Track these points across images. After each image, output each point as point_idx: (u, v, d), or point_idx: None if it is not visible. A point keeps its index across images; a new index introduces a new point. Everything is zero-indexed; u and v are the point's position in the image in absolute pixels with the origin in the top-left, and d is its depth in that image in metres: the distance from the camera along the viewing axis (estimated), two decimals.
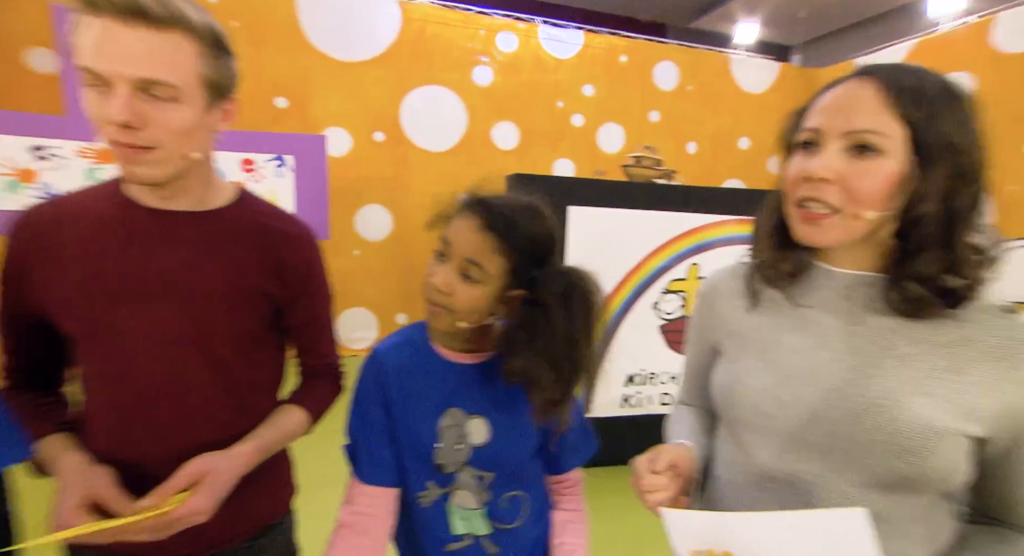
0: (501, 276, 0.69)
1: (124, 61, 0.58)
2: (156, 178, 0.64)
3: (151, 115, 0.61)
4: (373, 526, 0.73)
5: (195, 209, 0.71)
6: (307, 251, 0.78)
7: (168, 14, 0.59)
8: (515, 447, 0.75)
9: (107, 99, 0.58)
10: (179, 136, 0.63)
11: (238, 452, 0.69)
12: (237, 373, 0.73)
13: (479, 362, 0.77)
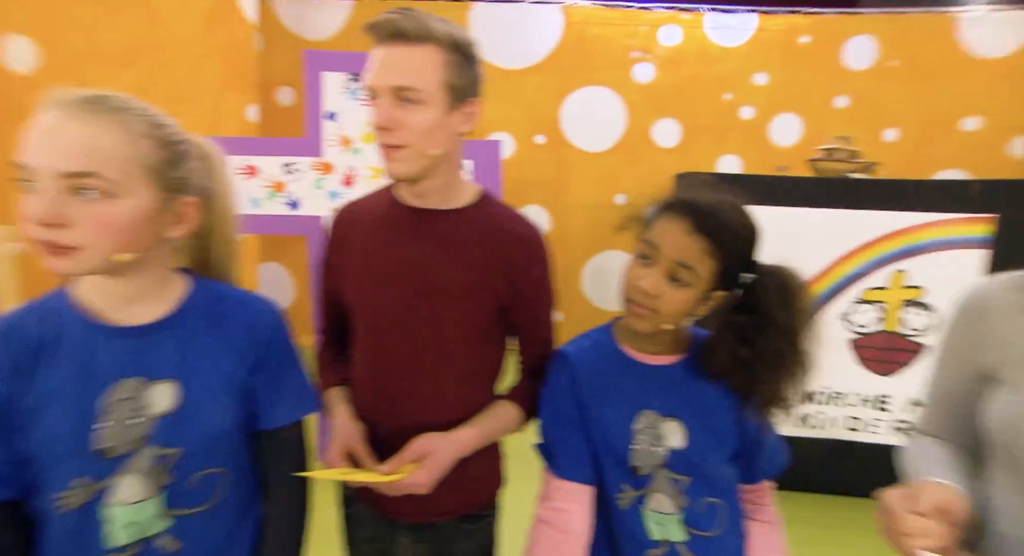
0: (710, 278, 0.69)
1: (385, 74, 0.70)
2: (405, 174, 0.74)
3: (402, 118, 0.70)
4: (573, 522, 0.73)
5: (440, 207, 0.79)
6: (534, 254, 0.82)
7: (420, 32, 0.68)
8: (713, 451, 0.73)
9: (375, 109, 0.71)
10: (423, 135, 0.70)
11: (459, 436, 0.76)
12: (462, 361, 0.80)
13: (671, 363, 0.77)
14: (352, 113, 2.13)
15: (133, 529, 0.60)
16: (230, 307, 0.69)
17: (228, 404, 0.65)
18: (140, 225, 0.58)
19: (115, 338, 0.61)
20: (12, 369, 0.57)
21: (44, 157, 0.53)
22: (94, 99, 0.56)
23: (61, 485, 0.58)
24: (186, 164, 0.62)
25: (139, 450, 0.60)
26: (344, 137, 2.14)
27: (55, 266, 0.55)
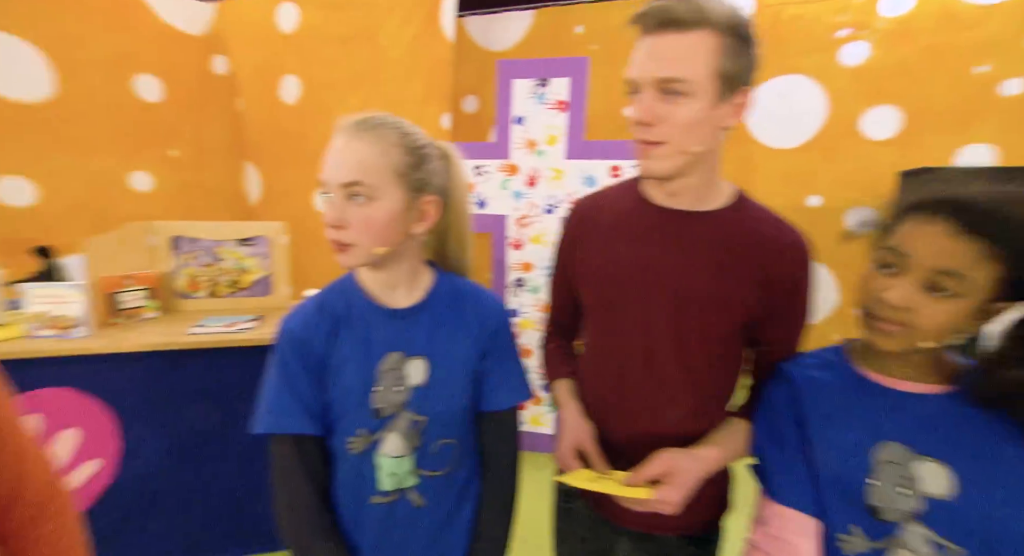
0: (989, 287, 0.57)
1: (651, 66, 0.65)
2: (661, 172, 0.69)
3: (664, 112, 0.64)
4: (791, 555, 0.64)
5: (694, 209, 0.73)
6: (796, 264, 0.73)
7: (694, 16, 0.63)
8: (1002, 508, 0.56)
9: (635, 103, 0.67)
10: (685, 130, 0.65)
11: (705, 455, 0.72)
12: (702, 374, 0.75)
13: (933, 393, 0.64)
14: (538, 117, 2.24)
15: (394, 479, 0.72)
16: (467, 298, 0.78)
17: (463, 383, 0.75)
18: (393, 222, 0.68)
19: (385, 318, 0.74)
20: (327, 334, 0.72)
21: (333, 173, 0.67)
22: (361, 121, 0.68)
23: (349, 432, 0.71)
24: (428, 165, 0.71)
25: (400, 413, 0.71)
26: (530, 140, 2.27)
27: (340, 260, 0.69)
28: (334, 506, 0.74)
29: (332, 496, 0.74)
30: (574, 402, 0.83)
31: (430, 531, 0.75)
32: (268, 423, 0.70)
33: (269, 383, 0.73)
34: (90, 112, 3.07)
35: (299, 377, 0.71)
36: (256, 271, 1.91)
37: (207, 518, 1.69)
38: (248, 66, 3.63)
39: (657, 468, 0.70)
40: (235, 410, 1.66)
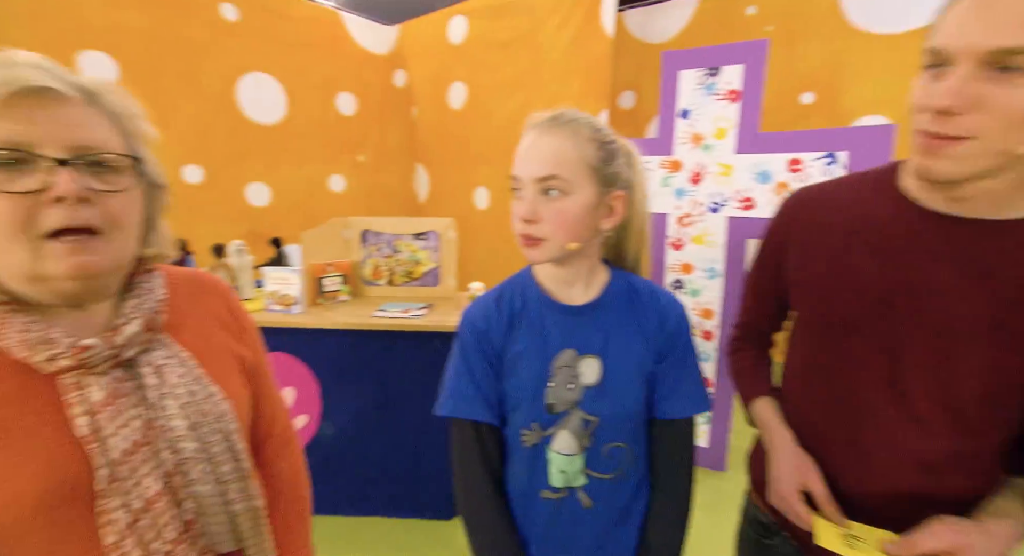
0: None
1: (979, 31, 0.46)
2: (955, 174, 0.53)
3: (984, 96, 0.47)
4: None
5: (989, 217, 0.56)
6: None
7: None
8: None
9: (938, 82, 0.51)
10: (1010, 124, 0.47)
11: (997, 532, 0.55)
12: (976, 421, 0.59)
13: None
14: (706, 109, 2.09)
15: (563, 476, 0.73)
16: (643, 298, 0.76)
17: (637, 386, 0.73)
18: (585, 217, 0.68)
19: (560, 314, 0.74)
20: (506, 327, 0.75)
21: (525, 167, 0.68)
22: (554, 117, 0.69)
23: (523, 424, 0.73)
24: (617, 160, 0.70)
25: (571, 411, 0.72)
26: (695, 134, 2.13)
27: (529, 255, 0.70)
28: (507, 493, 0.76)
29: (505, 483, 0.77)
30: (782, 429, 0.72)
31: (597, 533, 0.74)
32: (449, 407, 0.74)
33: (451, 369, 0.77)
34: (306, 128, 3.71)
35: (478, 367, 0.74)
36: (427, 263, 2.13)
37: (385, 478, 1.94)
38: (422, 77, 4.04)
39: (939, 542, 0.55)
40: (409, 386, 1.87)
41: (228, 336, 0.67)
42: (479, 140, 3.69)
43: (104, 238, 0.49)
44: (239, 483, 0.58)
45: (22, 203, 0.45)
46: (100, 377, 0.50)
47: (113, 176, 0.51)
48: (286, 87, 3.57)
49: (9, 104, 0.44)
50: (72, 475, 0.48)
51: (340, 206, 3.95)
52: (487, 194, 3.72)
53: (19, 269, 0.46)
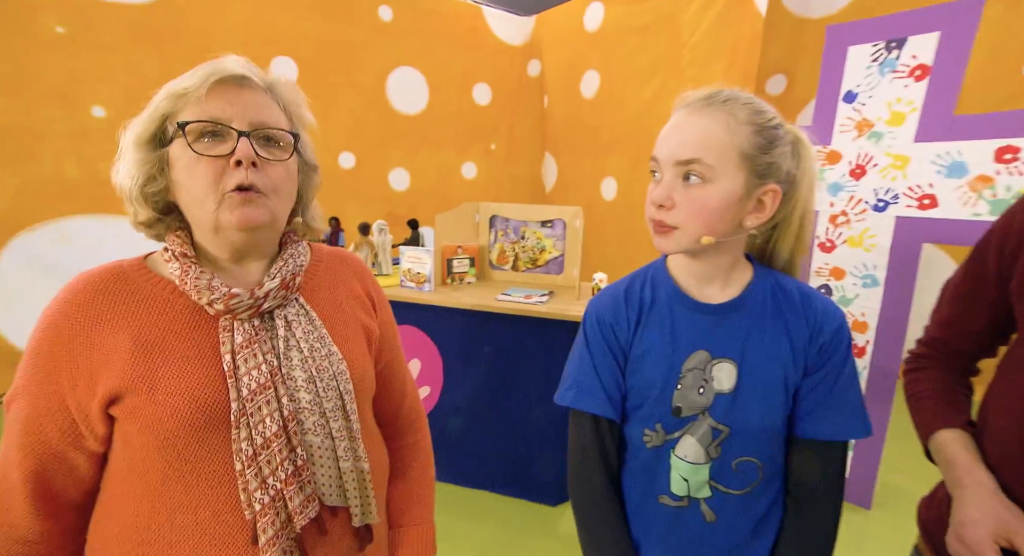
0: None
1: None
2: None
3: None
4: None
5: None
6: None
7: None
8: None
9: None
10: None
11: None
12: None
13: None
14: (880, 90, 1.81)
15: (685, 485, 0.69)
16: (793, 301, 0.68)
17: (778, 398, 0.66)
18: (727, 210, 0.61)
19: (694, 312, 0.69)
20: (634, 321, 0.71)
21: (666, 148, 0.63)
22: (709, 95, 0.62)
23: (646, 424, 0.69)
24: (777, 149, 0.62)
25: (700, 418, 0.67)
26: (862, 120, 1.86)
27: (658, 243, 0.65)
28: (622, 491, 0.73)
29: (621, 482, 0.74)
30: (978, 469, 0.62)
31: (719, 551, 0.69)
32: (570, 398, 0.72)
33: (574, 360, 0.74)
34: (444, 118, 3.96)
35: (602, 360, 0.71)
36: (552, 251, 2.15)
37: (495, 456, 2.04)
38: (556, 66, 4.06)
39: None
40: (526, 370, 1.93)
41: (359, 308, 0.72)
42: (610, 129, 3.61)
43: (265, 198, 0.57)
44: (348, 442, 0.61)
45: (216, 165, 0.55)
46: (243, 323, 0.58)
47: (277, 149, 0.59)
48: (429, 79, 3.83)
49: (215, 88, 0.55)
50: (213, 402, 0.55)
51: (471, 192, 4.16)
52: (615, 185, 3.64)
53: (209, 217, 0.56)
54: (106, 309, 0.55)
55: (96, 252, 2.83)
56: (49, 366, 0.54)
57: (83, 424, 0.55)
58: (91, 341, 0.54)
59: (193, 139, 0.55)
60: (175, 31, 2.84)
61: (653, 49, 3.29)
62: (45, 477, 0.55)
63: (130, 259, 0.61)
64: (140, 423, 0.54)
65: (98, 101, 2.77)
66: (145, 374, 0.54)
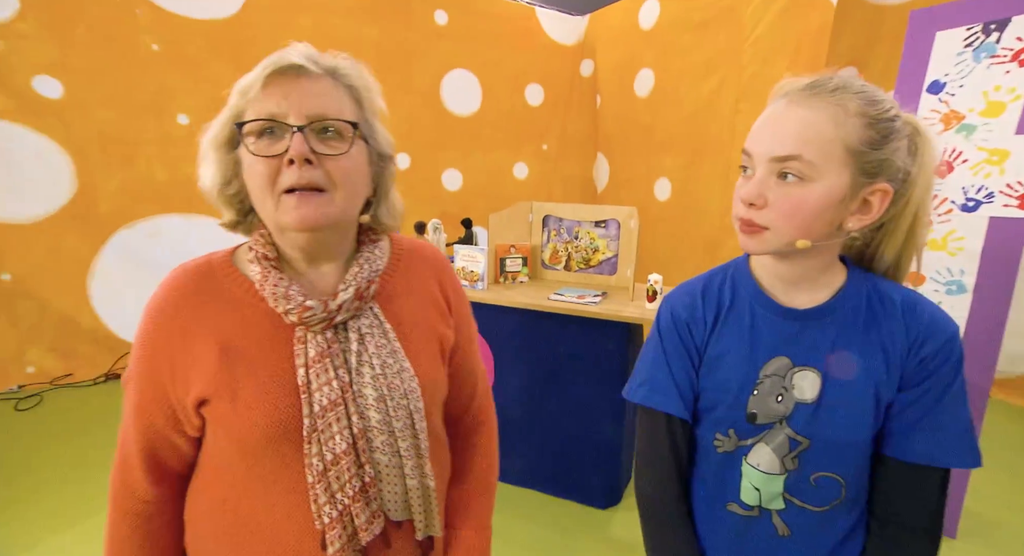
0: None
1: None
2: None
3: None
4: None
5: None
6: None
7: None
8: None
9: None
10: None
11: None
12: None
13: None
14: (973, 79, 1.66)
15: (757, 494, 0.65)
16: (892, 310, 0.62)
17: (867, 413, 0.61)
18: (826, 211, 0.56)
19: (776, 316, 0.64)
20: (711, 321, 0.68)
21: (760, 142, 0.57)
22: (813, 83, 0.56)
23: (718, 428, 0.66)
24: (891, 144, 0.55)
25: (777, 426, 0.63)
26: (951, 112, 1.71)
27: (745, 244, 0.61)
28: (690, 494, 0.72)
29: (689, 484, 0.72)
30: None
31: None
32: (642, 395, 0.70)
33: (647, 356, 0.72)
34: (497, 119, 3.99)
35: (677, 359, 0.68)
36: (605, 251, 2.12)
37: (545, 456, 2.03)
38: (609, 66, 4.00)
39: None
40: (577, 371, 1.91)
41: (435, 314, 0.69)
42: (664, 129, 3.52)
43: (326, 196, 0.54)
44: (415, 460, 0.60)
45: (271, 164, 0.53)
46: (316, 335, 0.57)
47: (337, 141, 0.55)
48: (482, 81, 3.87)
49: (271, 81, 0.53)
50: (288, 417, 0.55)
51: (522, 192, 4.17)
52: (669, 185, 3.54)
53: (270, 219, 0.56)
54: (198, 311, 0.58)
55: (183, 246, 3.08)
56: (152, 359, 0.58)
57: (182, 415, 0.59)
58: (186, 343, 0.57)
59: (252, 139, 0.54)
60: (249, 42, 3.02)
61: (712, 45, 3.18)
62: (154, 452, 0.60)
63: (220, 254, 0.63)
64: (224, 428, 0.57)
65: (183, 110, 3.00)
66: (228, 383, 0.56)
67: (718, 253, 3.19)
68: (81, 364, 2.97)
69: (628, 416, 1.96)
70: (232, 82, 0.56)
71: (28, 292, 2.84)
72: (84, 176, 2.85)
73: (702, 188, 3.28)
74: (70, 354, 2.96)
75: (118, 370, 3.01)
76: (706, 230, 3.27)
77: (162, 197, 3.04)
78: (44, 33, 2.66)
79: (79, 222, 2.88)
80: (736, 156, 3.08)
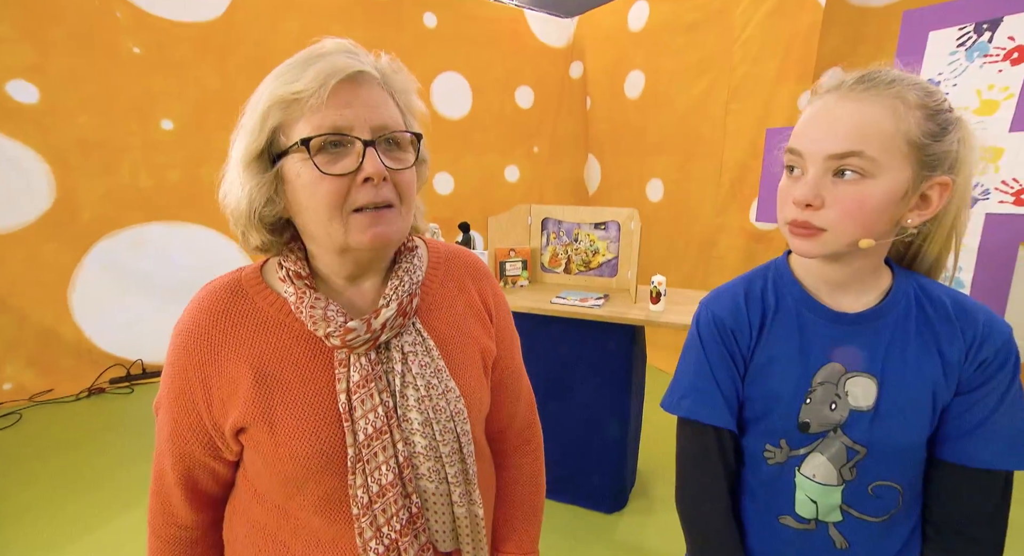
0: None
1: None
2: None
3: None
4: None
5: None
6: None
7: None
8: None
9: None
10: None
11: None
12: None
13: None
14: (965, 78, 1.68)
15: (813, 507, 0.63)
16: (943, 311, 0.60)
17: (924, 418, 0.59)
18: (887, 208, 0.54)
19: (826, 321, 0.62)
20: (756, 327, 0.65)
21: (813, 139, 0.54)
22: (865, 77, 0.54)
23: (768, 438, 0.64)
24: (949, 136, 0.54)
25: (832, 435, 0.61)
26: None
27: (800, 247, 0.58)
28: (739, 509, 0.68)
29: (736, 498, 0.69)
30: None
31: None
32: (687, 408, 0.67)
33: (689, 365, 0.69)
34: (488, 121, 3.96)
35: (721, 367, 0.65)
36: (605, 253, 2.10)
37: (549, 462, 1.98)
38: (599, 67, 4.00)
39: None
40: (581, 375, 1.88)
41: (477, 324, 0.65)
42: (655, 130, 3.53)
43: (396, 211, 0.52)
44: (463, 486, 0.57)
45: (341, 183, 0.48)
46: (360, 358, 0.53)
47: (401, 153, 0.52)
48: (472, 84, 3.85)
49: (333, 92, 0.47)
50: (331, 447, 0.52)
51: (514, 195, 4.15)
52: (661, 186, 3.55)
53: (335, 240, 0.51)
54: (229, 333, 0.54)
55: (168, 256, 2.98)
56: (184, 385, 0.54)
57: (220, 441, 0.55)
58: (220, 368, 0.53)
59: (314, 153, 0.48)
60: (234, 45, 2.95)
61: (702, 46, 3.20)
62: (193, 478, 0.58)
63: (248, 269, 0.59)
64: (262, 457, 0.53)
65: (167, 115, 2.91)
66: (265, 410, 0.52)
67: (712, 252, 3.20)
68: (62, 379, 2.86)
69: (632, 419, 1.94)
70: (217, 85, 0.52)
71: (5, 305, 2.73)
72: (64, 184, 2.76)
73: (695, 188, 3.30)
74: (50, 369, 2.85)
75: (101, 384, 2.90)
76: (700, 230, 3.28)
77: (146, 205, 2.95)
78: (19, 36, 2.56)
79: (59, 231, 2.78)
80: (728, 156, 3.13)
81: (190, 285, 4.30)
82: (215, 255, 3.07)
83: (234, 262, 3.10)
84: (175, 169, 2.96)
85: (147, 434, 2.18)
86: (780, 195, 0.60)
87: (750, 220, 2.97)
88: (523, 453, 0.75)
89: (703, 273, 3.29)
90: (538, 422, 0.79)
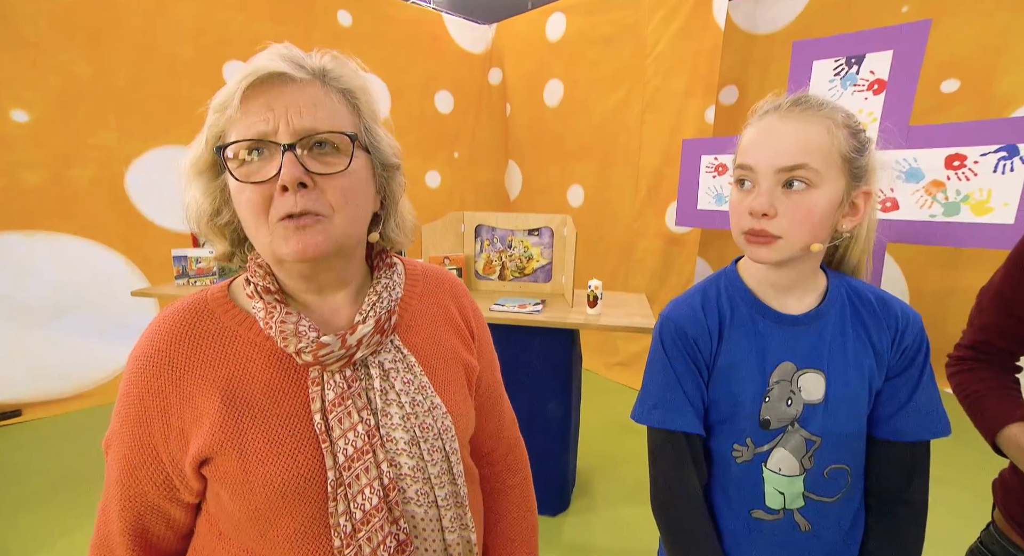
0: None
1: None
2: None
3: None
4: None
5: None
6: None
7: None
8: None
9: None
10: None
11: None
12: None
13: None
14: (842, 101, 1.93)
15: (782, 497, 0.68)
16: (871, 307, 0.68)
17: (864, 403, 0.66)
18: (830, 215, 0.61)
19: (777, 323, 0.68)
20: (715, 333, 0.69)
21: (763, 155, 0.60)
22: (800, 100, 0.62)
23: (735, 438, 0.68)
24: (868, 151, 0.63)
25: (790, 429, 0.67)
26: None
27: (756, 254, 0.63)
28: (712, 508, 0.72)
29: (707, 497, 0.72)
30: None
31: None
32: (658, 418, 0.69)
33: (656, 376, 0.72)
34: (408, 125, 3.85)
35: (687, 376, 0.69)
36: (539, 259, 2.13)
37: None
38: (518, 75, 4.06)
39: None
40: (520, 381, 1.89)
41: (458, 341, 0.64)
42: (575, 137, 3.66)
43: (326, 220, 0.48)
44: (454, 510, 0.54)
45: (263, 191, 0.46)
46: (334, 375, 0.50)
47: (334, 157, 0.48)
48: (390, 86, 3.73)
49: (251, 93, 0.46)
50: (308, 471, 0.48)
51: (435, 200, 4.08)
52: (581, 192, 3.69)
53: (267, 251, 0.49)
54: (193, 355, 0.48)
55: (26, 271, 2.52)
56: (139, 416, 0.47)
57: (177, 479, 0.48)
58: (182, 394, 0.47)
59: (237, 163, 0.47)
60: (111, 27, 2.58)
61: (617, 59, 3.37)
62: (143, 527, 0.50)
63: (215, 288, 0.54)
64: (229, 490, 0.47)
65: (20, 104, 2.47)
66: (234, 435, 0.47)
67: (632, 255, 3.38)
68: None
69: (572, 422, 1.98)
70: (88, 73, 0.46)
71: None
72: None
73: (614, 194, 3.46)
74: None
75: None
76: (619, 234, 3.45)
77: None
78: None
79: None
80: (645, 163, 3.32)
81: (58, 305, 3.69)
82: (92, 269, 2.66)
83: (119, 277, 2.72)
84: (34, 169, 2.52)
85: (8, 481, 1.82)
86: (732, 208, 0.65)
87: (666, 224, 3.18)
88: (515, 472, 0.74)
89: (624, 275, 3.46)
90: (521, 438, 0.78)
